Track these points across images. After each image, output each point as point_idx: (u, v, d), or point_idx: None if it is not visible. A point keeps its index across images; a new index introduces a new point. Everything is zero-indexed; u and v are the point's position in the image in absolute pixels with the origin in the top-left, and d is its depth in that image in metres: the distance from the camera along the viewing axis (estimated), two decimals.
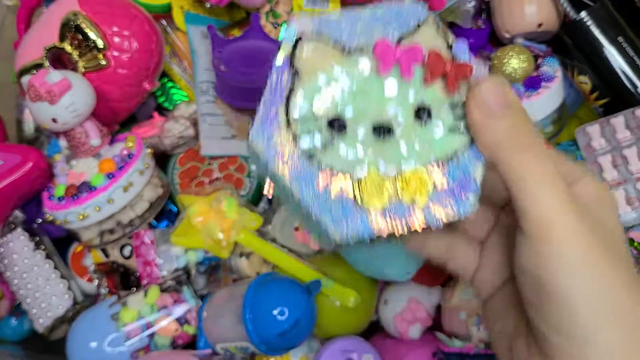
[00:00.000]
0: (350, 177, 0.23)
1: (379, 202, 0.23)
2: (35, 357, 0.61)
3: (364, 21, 0.24)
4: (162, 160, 0.62)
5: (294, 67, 0.24)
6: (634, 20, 0.55)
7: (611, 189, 0.52)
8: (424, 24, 0.25)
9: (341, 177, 0.23)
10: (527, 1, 0.57)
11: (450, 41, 0.25)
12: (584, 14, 0.55)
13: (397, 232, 0.23)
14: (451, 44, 0.25)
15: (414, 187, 0.23)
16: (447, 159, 0.24)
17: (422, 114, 0.24)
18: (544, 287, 0.22)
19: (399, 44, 0.24)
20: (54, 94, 0.51)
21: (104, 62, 0.56)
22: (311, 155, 0.23)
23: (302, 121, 0.24)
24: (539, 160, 0.23)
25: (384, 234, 0.23)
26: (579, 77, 0.57)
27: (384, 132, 0.24)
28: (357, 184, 0.23)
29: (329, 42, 0.24)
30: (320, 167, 0.23)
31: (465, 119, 0.24)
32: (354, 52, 0.24)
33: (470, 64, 0.24)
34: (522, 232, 0.23)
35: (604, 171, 0.53)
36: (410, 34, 0.25)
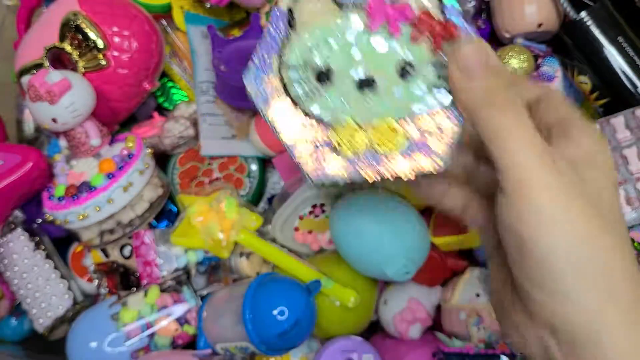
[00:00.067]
0: (330, 125, 0.25)
1: (354, 150, 0.25)
2: (35, 357, 0.61)
3: None
4: (162, 160, 0.62)
5: (293, 19, 0.25)
6: (634, 20, 0.55)
7: None
8: None
9: (321, 124, 0.25)
10: (527, 1, 0.57)
11: (444, 2, 0.26)
12: (584, 14, 0.55)
13: (369, 179, 0.25)
14: (445, 6, 0.26)
15: (388, 139, 0.25)
16: (425, 114, 0.25)
17: (405, 70, 0.25)
18: (524, 244, 0.22)
19: (392, 2, 0.25)
20: (54, 94, 0.51)
21: (104, 62, 0.56)
22: (297, 102, 0.25)
23: (292, 70, 0.25)
24: (518, 119, 0.23)
25: (357, 180, 0.25)
26: (579, 77, 0.57)
27: (367, 85, 0.25)
28: (335, 132, 0.25)
29: None
30: (303, 113, 0.25)
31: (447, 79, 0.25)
32: (350, 8, 0.25)
33: (457, 24, 0.25)
34: (502, 190, 0.23)
35: None
36: None
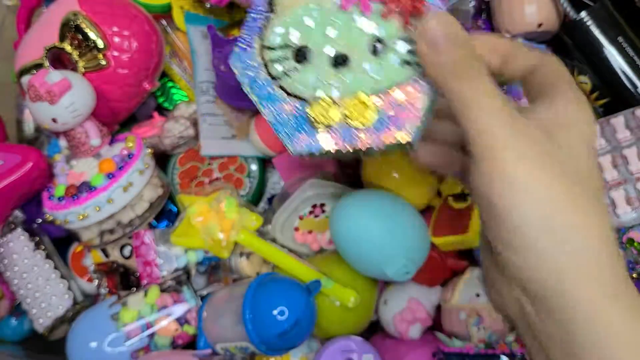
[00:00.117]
0: (306, 101, 0.27)
1: (327, 123, 0.26)
2: (35, 357, 0.61)
3: None
4: (162, 160, 0.62)
5: (273, 1, 0.27)
6: (634, 20, 0.55)
7: (611, 189, 0.52)
8: None
9: (299, 100, 0.27)
10: (527, 1, 0.57)
11: None
12: (584, 14, 0.55)
13: (343, 150, 0.26)
14: None
15: (361, 112, 0.26)
16: (396, 88, 0.26)
17: (377, 46, 0.26)
18: (498, 212, 0.23)
19: None
20: (54, 94, 0.51)
21: (104, 62, 0.56)
22: (277, 79, 0.28)
23: (273, 49, 0.28)
24: (485, 89, 0.24)
25: (332, 150, 0.26)
26: (579, 77, 0.57)
27: (341, 61, 0.27)
28: (311, 106, 0.27)
29: None
30: (283, 90, 0.27)
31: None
32: None
33: (426, 0, 0.26)
34: (472, 157, 0.24)
35: (604, 171, 0.53)
36: None
